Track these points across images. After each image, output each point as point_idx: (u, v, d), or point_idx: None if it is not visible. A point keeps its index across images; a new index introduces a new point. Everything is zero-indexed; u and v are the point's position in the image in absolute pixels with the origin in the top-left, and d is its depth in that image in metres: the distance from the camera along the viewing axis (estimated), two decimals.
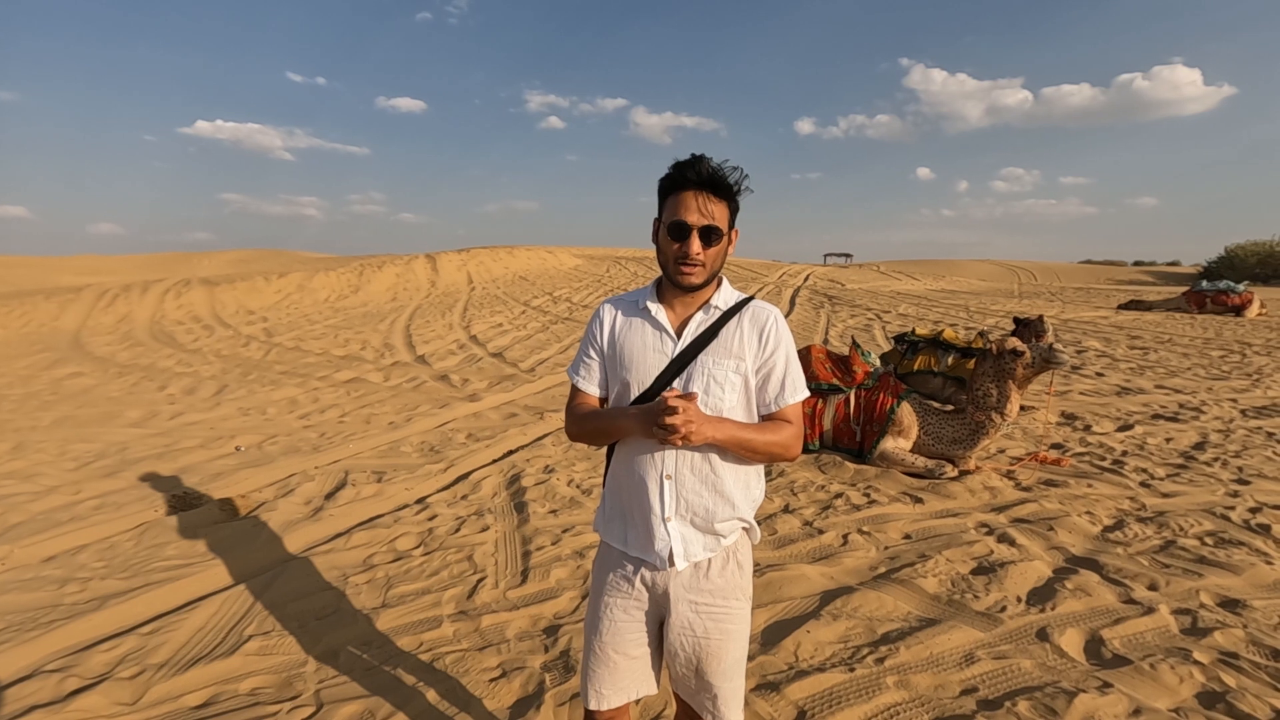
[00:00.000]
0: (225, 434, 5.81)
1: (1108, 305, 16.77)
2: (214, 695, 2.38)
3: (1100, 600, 2.83)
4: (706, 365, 1.47)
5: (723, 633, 1.50)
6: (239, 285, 15.94)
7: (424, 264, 20.68)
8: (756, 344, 1.48)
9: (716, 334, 1.48)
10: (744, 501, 1.51)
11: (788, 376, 1.49)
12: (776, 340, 1.48)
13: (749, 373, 1.48)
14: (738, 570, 1.53)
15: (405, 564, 3.34)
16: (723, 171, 1.42)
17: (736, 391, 1.47)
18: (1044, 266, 40.25)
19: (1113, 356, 8.98)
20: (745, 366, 1.47)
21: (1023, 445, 5.08)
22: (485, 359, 9.50)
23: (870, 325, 12.58)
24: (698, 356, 1.47)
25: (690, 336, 1.48)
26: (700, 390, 1.45)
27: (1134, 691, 2.25)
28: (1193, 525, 3.55)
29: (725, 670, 1.51)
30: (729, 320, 1.49)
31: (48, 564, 3.48)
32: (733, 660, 1.52)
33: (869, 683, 2.33)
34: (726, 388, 1.46)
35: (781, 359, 1.49)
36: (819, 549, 3.41)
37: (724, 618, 1.50)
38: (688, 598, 1.49)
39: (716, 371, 1.46)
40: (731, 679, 1.53)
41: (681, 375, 1.47)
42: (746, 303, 1.53)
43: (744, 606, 1.54)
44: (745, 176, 1.46)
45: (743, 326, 1.48)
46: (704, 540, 1.49)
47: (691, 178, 1.41)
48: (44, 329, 12.27)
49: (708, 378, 1.46)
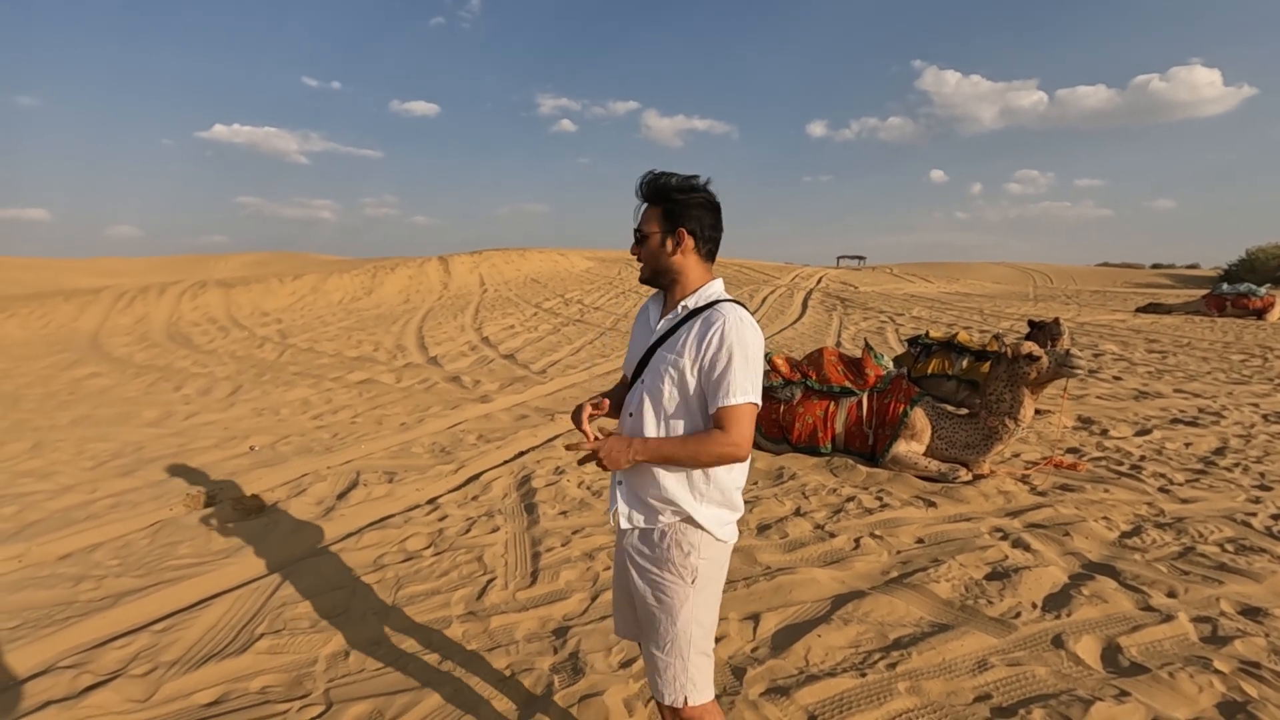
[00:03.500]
0: (239, 434, 5.86)
1: (1125, 308, 16.56)
2: (225, 693, 2.40)
3: (1117, 607, 2.79)
4: (658, 360, 1.62)
5: (656, 600, 1.61)
6: (254, 287, 16.09)
7: (436, 266, 20.79)
8: (697, 344, 1.55)
9: (674, 332, 1.62)
10: (679, 489, 1.60)
11: (724, 379, 1.52)
12: (720, 342, 1.52)
13: (686, 370, 1.56)
14: (678, 550, 1.60)
15: (415, 564, 3.34)
16: (648, 179, 1.62)
17: (675, 386, 1.58)
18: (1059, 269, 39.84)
19: (1130, 360, 8.86)
20: (683, 364, 1.56)
21: (1038, 449, 5.02)
22: (497, 361, 9.53)
23: (883, 328, 12.50)
24: (657, 350, 1.63)
25: (660, 333, 1.65)
26: (650, 381, 1.62)
27: (1151, 700, 2.21)
28: (1213, 531, 3.49)
29: (657, 639, 1.62)
30: (688, 320, 1.60)
31: (64, 561, 3.52)
32: (663, 631, 1.61)
33: (880, 688, 2.30)
34: (665, 380, 1.58)
35: (721, 360, 1.52)
36: (830, 553, 3.38)
37: (658, 586, 1.61)
38: (631, 553, 1.66)
39: (660, 366, 1.60)
40: (665, 651, 1.61)
41: (647, 367, 1.64)
42: (714, 305, 1.60)
43: (681, 586, 1.60)
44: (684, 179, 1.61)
45: (694, 326, 1.58)
46: (642, 511, 1.64)
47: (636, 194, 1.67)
48: (63, 330, 12.45)
49: (655, 371, 1.62)
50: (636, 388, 1.67)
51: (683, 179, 1.62)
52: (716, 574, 1.66)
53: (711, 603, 1.65)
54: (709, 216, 1.64)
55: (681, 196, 1.60)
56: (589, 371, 8.74)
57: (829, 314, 14.88)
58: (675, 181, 1.61)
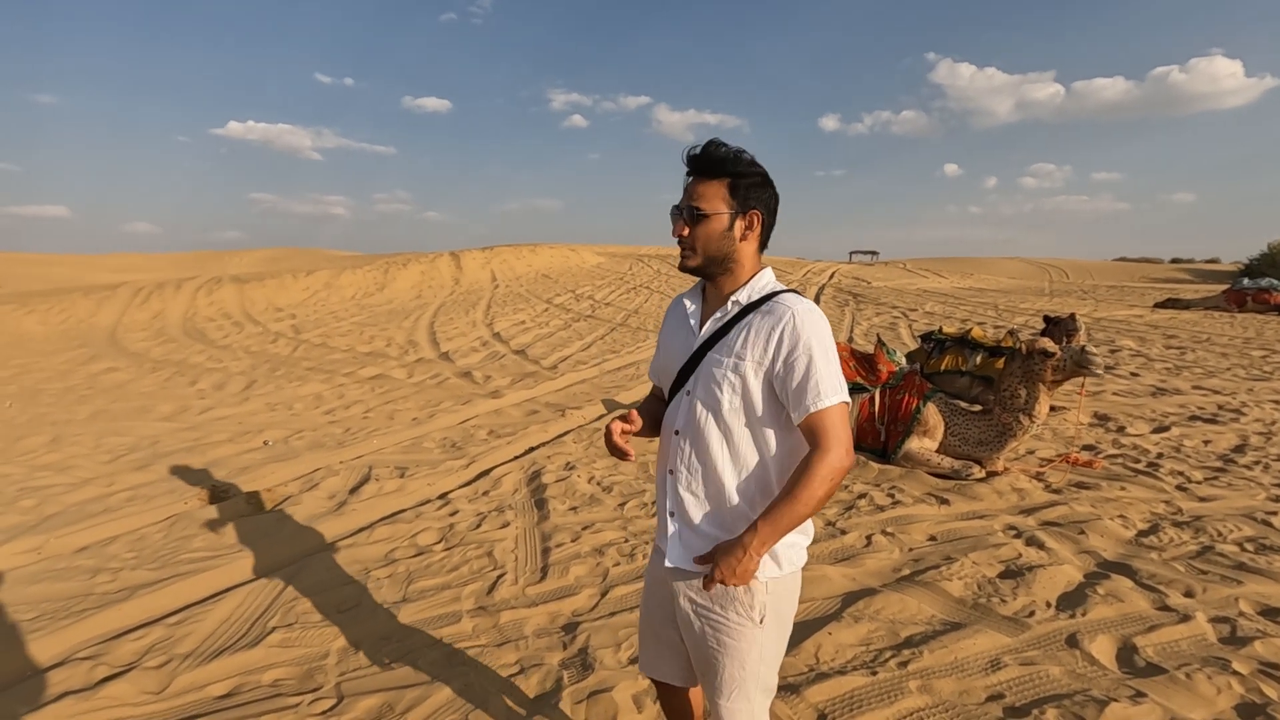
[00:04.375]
0: (253, 429, 5.91)
1: (1143, 304, 16.33)
2: (237, 686, 2.42)
3: (1133, 606, 2.75)
4: (710, 364, 1.38)
5: (719, 643, 1.40)
6: (268, 283, 16.21)
7: (448, 262, 20.85)
8: (764, 343, 1.33)
9: (728, 331, 1.38)
10: (750, 517, 1.36)
11: (810, 380, 1.29)
12: (794, 339, 1.30)
13: (748, 374, 1.34)
14: (744, 590, 1.38)
15: (426, 559, 3.36)
16: (709, 149, 1.35)
17: (736, 394, 1.35)
18: (1076, 264, 39.37)
19: (1147, 356, 8.74)
20: (744, 367, 1.34)
21: (1053, 446, 4.96)
22: (508, 356, 9.55)
23: (896, 323, 12.40)
24: (707, 354, 1.40)
25: (708, 333, 1.41)
26: (702, 390, 1.39)
27: (1168, 701, 2.17)
28: (1232, 530, 3.43)
29: (719, 686, 1.42)
30: (744, 316, 1.38)
31: (80, 554, 3.56)
32: (729, 677, 1.40)
33: (891, 686, 2.29)
34: (724, 388, 1.36)
35: (801, 361, 1.30)
36: (841, 550, 3.36)
37: (721, 628, 1.40)
38: (687, 593, 1.44)
39: (715, 371, 1.37)
40: (727, 698, 1.41)
41: (694, 373, 1.41)
42: (771, 297, 1.38)
43: (748, 628, 1.39)
44: (741, 152, 1.36)
45: (753, 323, 1.36)
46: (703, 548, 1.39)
47: (685, 165, 1.39)
48: (82, 325, 12.61)
49: (709, 377, 1.38)
50: (682, 400, 1.43)
51: (742, 151, 1.36)
52: (787, 608, 1.45)
53: (782, 637, 1.46)
54: (774, 199, 1.41)
55: (751, 171, 1.36)
56: (599, 367, 8.74)
57: (841, 309, 14.79)
58: (746, 155, 1.36)
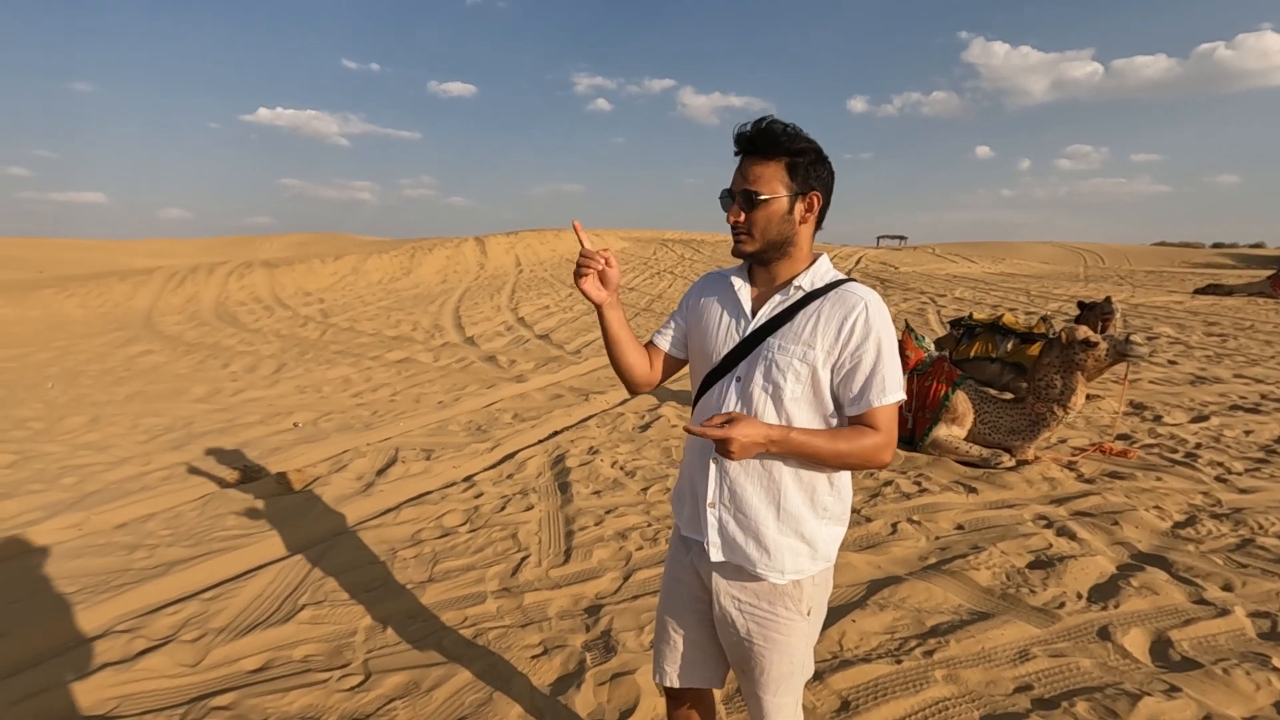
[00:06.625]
0: (283, 410, 6.02)
1: (1182, 290, 15.83)
2: (269, 660, 2.48)
3: (1168, 599, 2.68)
4: (772, 349, 1.33)
5: (766, 640, 1.37)
6: (297, 267, 16.46)
7: (473, 247, 20.97)
8: (834, 333, 1.30)
9: (791, 317, 1.33)
10: (803, 506, 1.34)
11: (875, 375, 1.28)
12: (864, 331, 1.28)
13: (818, 364, 1.30)
14: (794, 584, 1.36)
15: (451, 540, 3.40)
16: (763, 126, 1.29)
17: (802, 383, 1.31)
18: (1112, 249, 38.28)
19: (1186, 344, 8.48)
20: (814, 356, 1.30)
21: (1086, 435, 4.85)
22: (532, 341, 9.59)
23: (924, 309, 12.19)
24: (765, 339, 1.35)
25: (765, 317, 1.36)
26: (760, 377, 1.34)
27: (1204, 697, 2.12)
28: (1273, 524, 3.33)
29: (767, 683, 1.39)
30: (809, 303, 1.33)
31: (119, 530, 3.67)
32: (778, 674, 1.38)
33: (916, 675, 2.26)
34: (789, 376, 1.31)
35: (870, 354, 1.28)
36: (866, 537, 3.33)
37: (769, 624, 1.37)
38: (730, 592, 1.39)
39: (780, 358, 1.32)
40: (775, 693, 1.40)
41: (748, 358, 1.37)
42: (837, 285, 1.34)
43: (797, 620, 1.37)
44: (797, 129, 1.31)
45: (822, 311, 1.31)
46: (749, 549, 1.35)
47: (736, 144, 1.34)
48: (119, 309, 12.94)
49: (770, 364, 1.33)
50: (730, 386, 1.38)
51: (797, 128, 1.31)
52: (826, 598, 1.45)
53: (819, 626, 1.46)
54: (831, 177, 1.36)
55: (809, 149, 1.31)
56: None
57: None
58: (804, 133, 1.31)
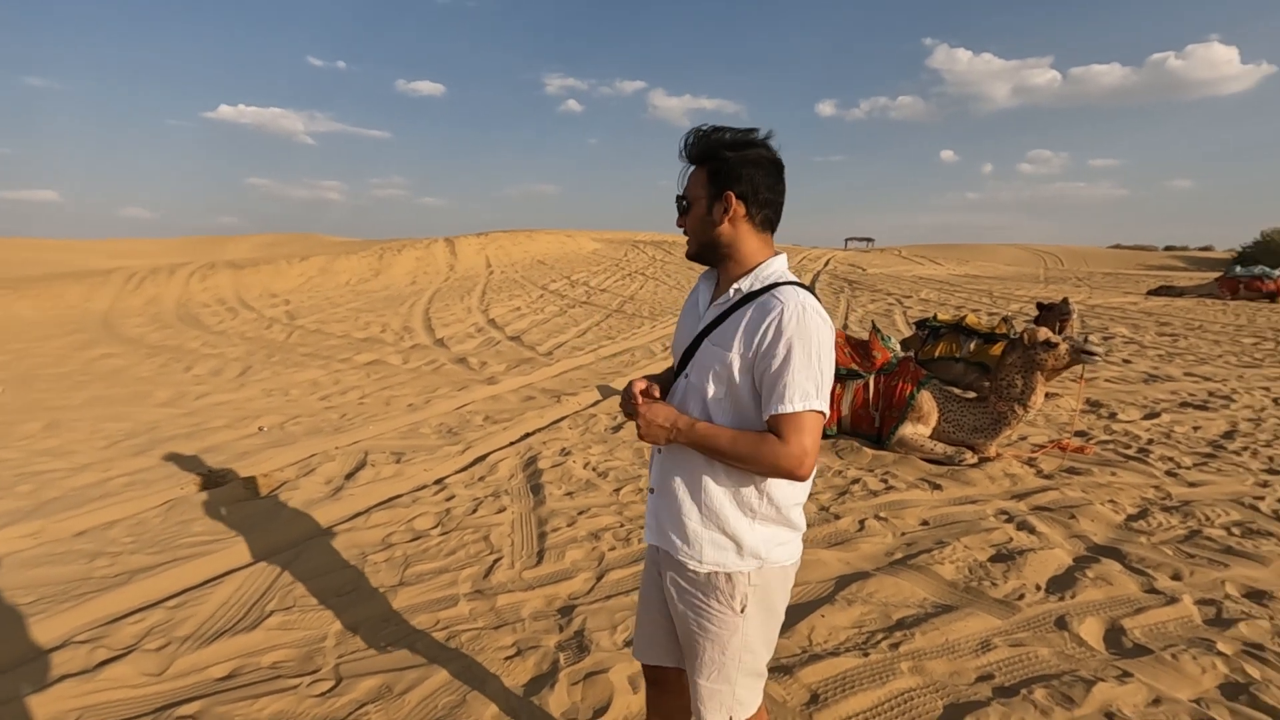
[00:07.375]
0: (250, 414, 5.91)
1: (1137, 291, 16.39)
2: (237, 668, 2.44)
3: (1122, 589, 2.79)
4: (705, 352, 1.38)
5: (699, 626, 1.41)
6: (263, 268, 16.13)
7: (443, 248, 20.76)
8: (750, 337, 1.31)
9: (725, 319, 1.37)
10: (726, 504, 1.37)
11: (780, 381, 1.26)
12: (775, 336, 1.27)
13: (734, 368, 1.32)
14: (723, 577, 1.38)
15: (423, 543, 3.38)
16: (693, 135, 1.38)
17: (721, 385, 1.35)
18: (1072, 251, 39.39)
19: (1140, 343, 8.79)
20: (731, 360, 1.32)
21: (1045, 432, 5.00)
22: (503, 342, 9.55)
23: (891, 310, 12.43)
24: (703, 342, 1.40)
25: (708, 319, 1.41)
26: (695, 377, 1.40)
27: (1154, 681, 2.22)
28: (1219, 515, 3.48)
29: (700, 666, 1.43)
30: (742, 306, 1.36)
31: (80, 538, 3.58)
32: (709, 659, 1.42)
33: (883, 668, 2.32)
34: (709, 378, 1.36)
35: (778, 359, 1.26)
36: (835, 534, 3.39)
37: (702, 613, 1.41)
38: (671, 574, 1.45)
39: (707, 359, 1.37)
40: (707, 678, 1.43)
41: (694, 358, 1.41)
42: (773, 287, 1.35)
43: (729, 615, 1.39)
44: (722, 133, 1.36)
45: (747, 314, 1.33)
46: (672, 534, 1.42)
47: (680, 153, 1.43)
48: (74, 311, 12.54)
49: (699, 365, 1.39)
50: (681, 383, 1.44)
51: (737, 133, 1.35)
52: (773, 599, 1.44)
53: (769, 625, 1.45)
54: (764, 176, 1.36)
55: (731, 154, 1.34)
56: (595, 353, 8.75)
57: (836, 296, 14.80)
58: (726, 137, 1.35)
